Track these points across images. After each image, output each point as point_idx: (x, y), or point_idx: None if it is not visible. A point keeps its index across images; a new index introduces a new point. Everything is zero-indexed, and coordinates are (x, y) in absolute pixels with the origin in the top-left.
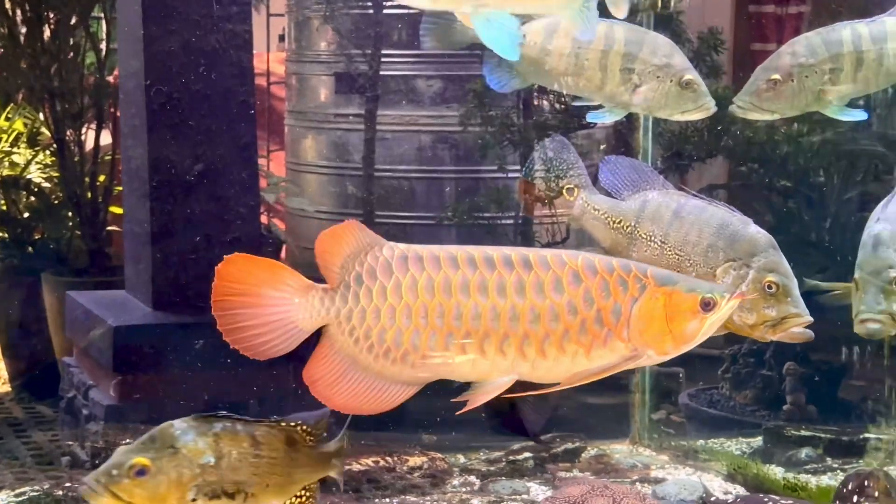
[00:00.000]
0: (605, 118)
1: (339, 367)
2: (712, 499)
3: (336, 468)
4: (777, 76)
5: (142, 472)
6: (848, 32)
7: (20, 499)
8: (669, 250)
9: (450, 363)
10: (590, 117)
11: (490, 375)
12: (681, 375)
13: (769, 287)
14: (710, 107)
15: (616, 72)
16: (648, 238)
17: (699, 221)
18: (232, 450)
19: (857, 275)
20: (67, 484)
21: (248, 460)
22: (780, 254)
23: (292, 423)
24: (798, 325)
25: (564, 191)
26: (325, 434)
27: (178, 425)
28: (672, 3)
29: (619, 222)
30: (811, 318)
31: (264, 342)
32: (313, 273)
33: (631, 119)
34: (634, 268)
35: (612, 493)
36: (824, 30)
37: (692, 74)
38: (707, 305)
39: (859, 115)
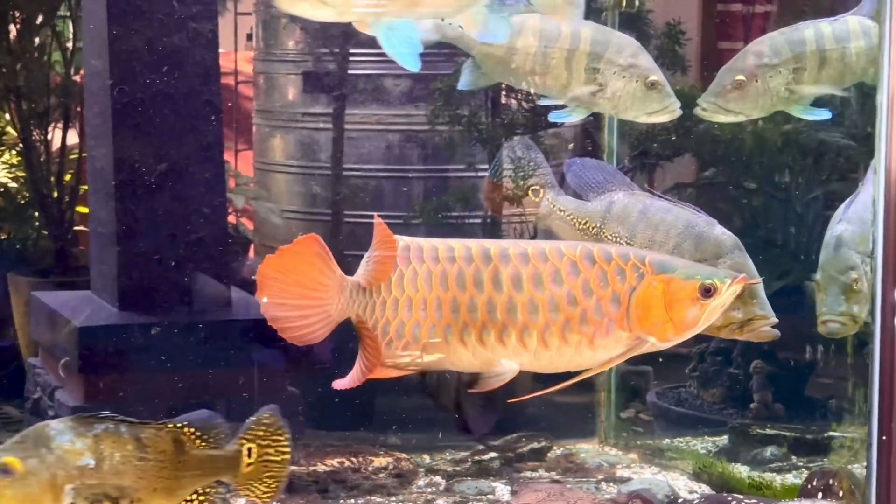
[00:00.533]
0: (569, 118)
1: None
2: (679, 500)
3: (230, 473)
4: (741, 77)
5: (6, 471)
6: (811, 32)
7: None
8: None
9: (449, 354)
10: (552, 116)
11: (494, 366)
12: (650, 374)
13: None
14: (676, 109)
15: (581, 71)
16: (615, 239)
17: (665, 222)
18: (114, 452)
19: (818, 276)
20: None
21: (133, 463)
22: (746, 255)
23: (179, 425)
24: (764, 326)
25: (530, 191)
26: (221, 436)
27: (55, 425)
28: (637, 2)
29: (585, 223)
30: (776, 319)
31: (304, 330)
32: None
33: (598, 118)
34: (633, 256)
35: (567, 500)
36: (788, 29)
37: (658, 76)
38: (707, 292)
39: (823, 115)
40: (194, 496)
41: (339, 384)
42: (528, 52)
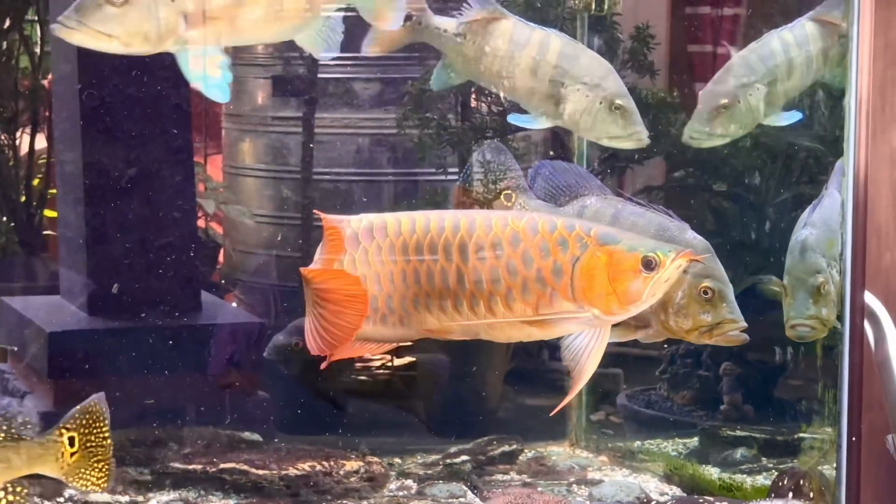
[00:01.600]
0: (529, 124)
1: None
2: (651, 503)
3: (50, 465)
4: (725, 101)
5: None
6: (777, 43)
7: None
8: None
9: (421, 323)
10: (511, 118)
11: (455, 331)
12: (620, 376)
13: (704, 293)
14: (642, 138)
15: (546, 81)
16: None
17: (637, 226)
18: None
19: (785, 280)
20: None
21: None
22: (717, 259)
23: None
24: (733, 330)
25: (502, 196)
26: (26, 427)
27: None
28: (606, 5)
29: None
30: (745, 324)
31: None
32: (250, 277)
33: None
34: (578, 227)
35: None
36: (755, 45)
37: (624, 101)
38: (649, 265)
39: (794, 117)
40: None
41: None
42: (496, 54)
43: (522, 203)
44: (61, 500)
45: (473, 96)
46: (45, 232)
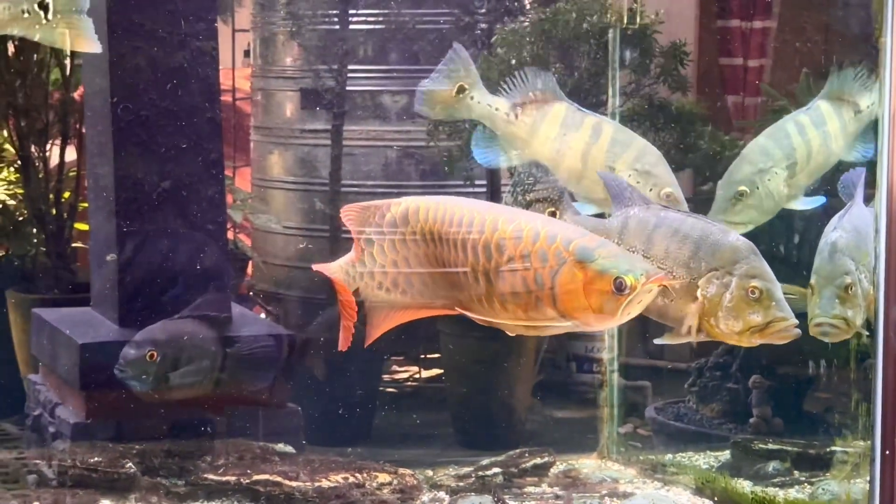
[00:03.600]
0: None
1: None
2: None
3: None
4: (743, 188)
5: None
6: (792, 125)
7: None
8: (652, 262)
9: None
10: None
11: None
12: (648, 389)
13: (752, 293)
14: None
15: (596, 167)
16: (632, 251)
17: (680, 233)
18: None
19: (812, 280)
20: (35, 503)
21: None
22: (762, 259)
23: None
24: (784, 328)
25: (547, 214)
26: None
27: None
28: (639, 20)
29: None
30: (796, 321)
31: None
32: (280, 288)
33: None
34: (560, 239)
35: None
36: (770, 130)
37: (674, 189)
38: (620, 287)
39: (818, 201)
40: None
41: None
42: (548, 136)
43: (567, 220)
44: None
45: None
46: (74, 244)
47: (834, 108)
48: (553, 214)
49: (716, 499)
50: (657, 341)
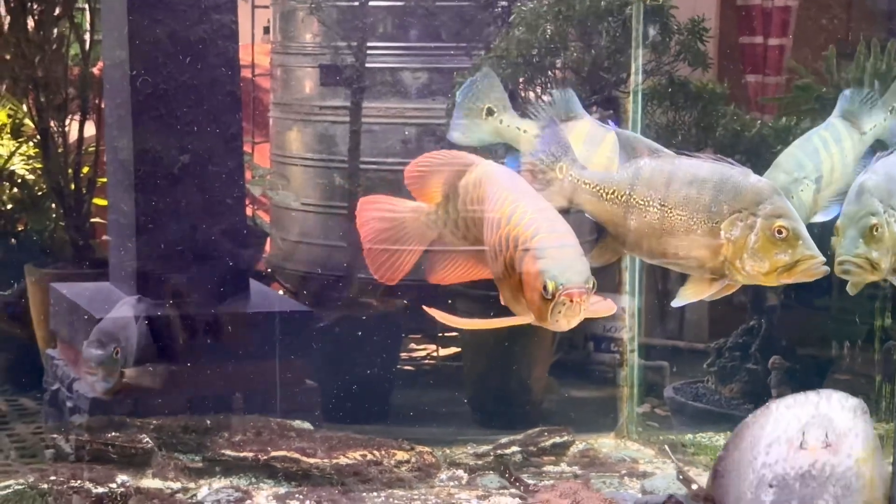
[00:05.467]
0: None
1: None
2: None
3: None
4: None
5: None
6: (818, 140)
7: (5, 492)
8: (670, 212)
9: None
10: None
11: None
12: (666, 369)
13: (779, 232)
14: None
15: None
16: (646, 203)
17: (698, 179)
18: None
19: (839, 221)
20: (52, 477)
21: None
22: (785, 199)
23: None
24: (812, 266)
25: (557, 169)
26: None
27: None
28: None
29: (613, 192)
30: (824, 258)
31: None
32: (297, 265)
33: (619, 113)
34: (530, 229)
35: (580, 499)
36: (799, 142)
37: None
38: (545, 289)
39: (833, 212)
40: None
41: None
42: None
43: (574, 175)
44: (113, 485)
45: (521, 85)
46: (93, 219)
47: (845, 127)
48: (560, 170)
49: None
50: (674, 303)
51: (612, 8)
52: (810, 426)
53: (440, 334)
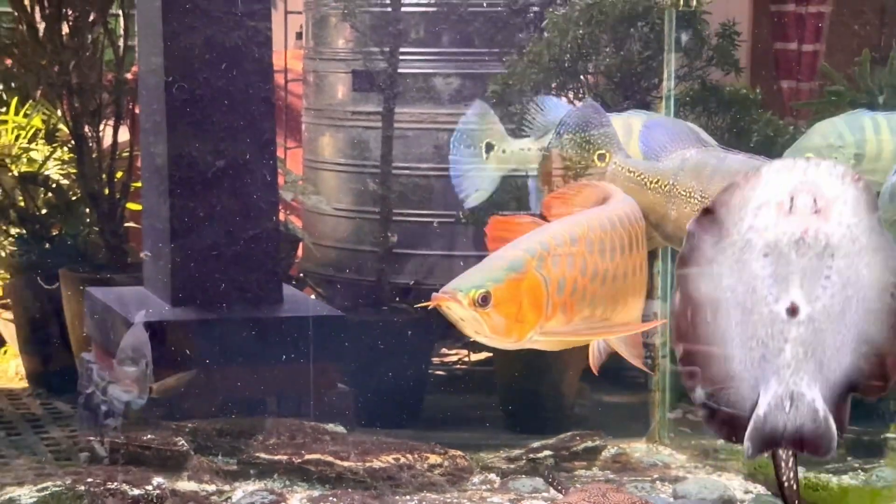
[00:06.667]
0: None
1: None
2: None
3: None
4: (809, 155)
5: None
6: (868, 120)
7: (42, 493)
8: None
9: None
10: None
11: None
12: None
13: None
14: None
15: None
16: (688, 195)
17: (741, 173)
18: None
19: None
20: (89, 479)
21: None
22: None
23: None
24: None
25: (596, 156)
26: None
27: None
28: (695, 2)
29: (657, 182)
30: None
31: None
32: (329, 270)
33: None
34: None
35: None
36: (845, 116)
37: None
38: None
39: None
40: None
41: None
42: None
43: (618, 162)
44: (149, 487)
45: (554, 91)
46: (126, 224)
47: None
48: (602, 157)
49: (767, 484)
50: None
51: (644, 13)
52: (798, 191)
53: (471, 339)
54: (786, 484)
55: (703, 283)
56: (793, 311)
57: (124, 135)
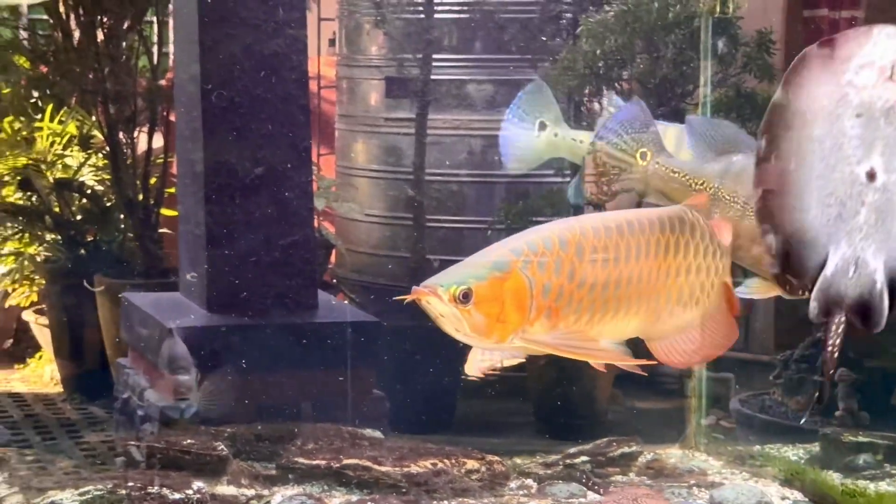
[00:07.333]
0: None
1: None
2: None
3: None
4: None
5: None
6: None
7: (84, 497)
8: (750, 212)
9: None
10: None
11: None
12: (731, 381)
13: None
14: None
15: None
16: (731, 198)
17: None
18: None
19: None
20: (130, 483)
21: None
22: None
23: None
24: None
25: (637, 155)
26: None
27: None
28: (731, 9)
29: (702, 184)
30: None
31: None
32: (362, 276)
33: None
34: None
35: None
36: None
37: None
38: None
39: None
40: None
41: None
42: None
43: (660, 162)
44: (189, 491)
45: (587, 97)
46: (161, 230)
47: None
48: (644, 156)
49: (804, 491)
50: (738, 291)
51: (679, 20)
52: None
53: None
54: (829, 349)
55: (794, 127)
56: (871, 176)
57: (157, 141)
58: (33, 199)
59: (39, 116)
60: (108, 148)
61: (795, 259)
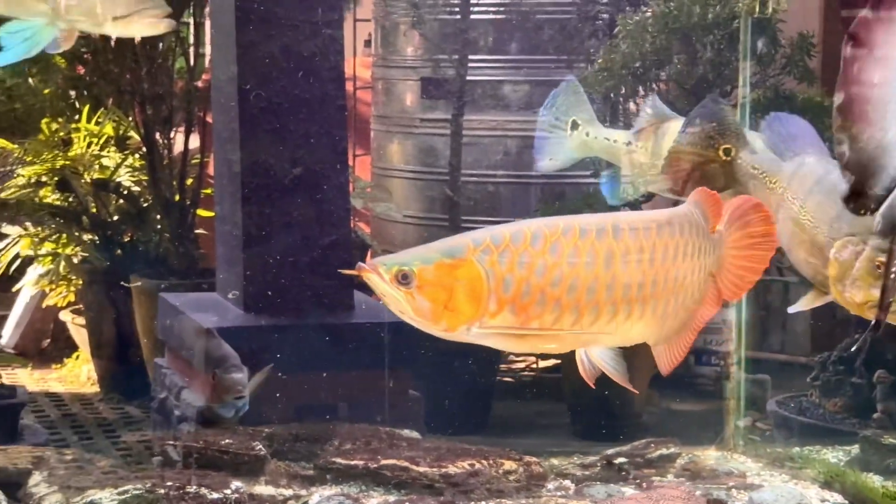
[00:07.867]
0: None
1: None
2: None
3: None
4: None
5: None
6: None
7: (123, 497)
8: (804, 214)
9: None
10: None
11: None
12: (768, 382)
13: (878, 267)
14: None
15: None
16: (794, 199)
17: (835, 191)
18: None
19: None
20: (168, 483)
21: None
22: None
23: None
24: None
25: (721, 151)
26: None
27: None
28: (770, 9)
29: (775, 182)
30: None
31: None
32: None
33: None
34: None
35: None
36: None
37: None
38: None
39: None
40: None
41: None
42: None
43: (743, 158)
44: (228, 491)
45: (622, 97)
46: (197, 230)
47: None
48: (727, 152)
49: (844, 493)
50: (791, 309)
51: (719, 21)
52: None
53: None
54: (893, 275)
55: (883, 43)
56: None
57: (195, 142)
58: (70, 199)
59: (76, 117)
60: (144, 149)
61: (868, 175)
